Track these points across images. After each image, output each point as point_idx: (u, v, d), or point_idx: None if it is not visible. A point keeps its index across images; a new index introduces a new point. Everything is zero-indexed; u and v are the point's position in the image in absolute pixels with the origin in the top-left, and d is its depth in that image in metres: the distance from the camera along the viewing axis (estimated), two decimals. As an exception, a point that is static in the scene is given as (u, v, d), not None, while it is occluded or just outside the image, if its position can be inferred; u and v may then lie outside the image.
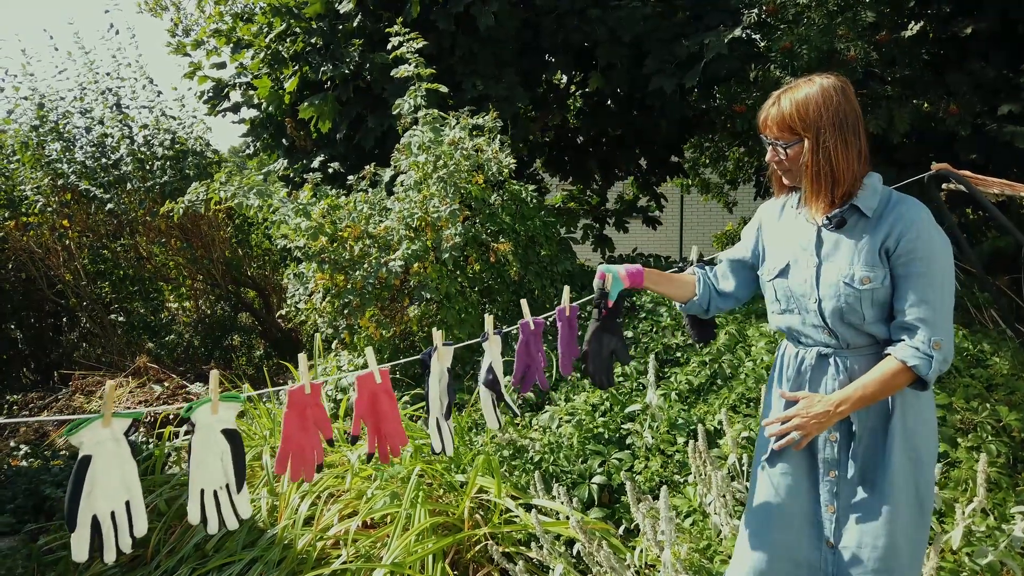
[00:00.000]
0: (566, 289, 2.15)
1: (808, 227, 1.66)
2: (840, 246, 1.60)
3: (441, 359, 1.86)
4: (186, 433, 4.26)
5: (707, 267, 1.90)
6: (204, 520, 1.36)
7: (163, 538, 3.02)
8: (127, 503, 1.29)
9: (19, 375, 6.84)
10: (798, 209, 1.71)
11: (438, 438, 1.91)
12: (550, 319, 2.16)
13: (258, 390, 2.15)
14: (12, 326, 6.91)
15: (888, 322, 1.57)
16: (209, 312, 7.11)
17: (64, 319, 7.18)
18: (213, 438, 1.36)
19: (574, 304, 2.17)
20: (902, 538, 1.55)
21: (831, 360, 1.62)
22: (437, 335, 1.85)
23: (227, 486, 1.37)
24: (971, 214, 6.08)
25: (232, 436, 1.37)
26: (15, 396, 6.17)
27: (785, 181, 1.69)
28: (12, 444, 5.04)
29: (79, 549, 1.22)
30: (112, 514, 1.26)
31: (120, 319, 6.91)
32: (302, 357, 1.55)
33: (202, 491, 1.35)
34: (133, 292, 7.03)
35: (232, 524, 1.37)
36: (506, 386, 2.07)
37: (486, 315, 1.98)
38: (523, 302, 2.11)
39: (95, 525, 1.24)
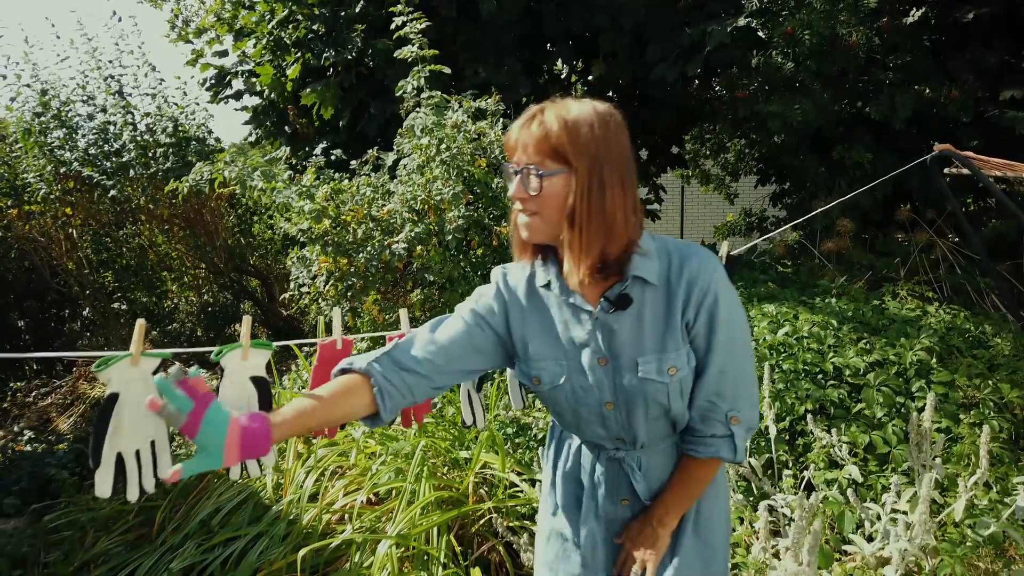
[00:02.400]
0: None
1: (577, 316, 1.25)
2: (631, 333, 1.23)
3: None
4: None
5: (369, 361, 1.25)
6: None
7: (168, 516, 3.04)
8: (152, 443, 1.29)
9: (21, 364, 6.86)
10: (553, 289, 1.28)
11: (469, 410, 1.93)
12: None
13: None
14: (15, 315, 6.93)
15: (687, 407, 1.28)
16: (212, 301, 7.13)
17: (67, 308, 7.20)
18: (242, 384, 1.37)
19: None
20: None
21: (623, 462, 1.33)
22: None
23: None
24: (972, 204, 6.09)
25: (261, 383, 1.38)
26: (18, 384, 6.20)
27: (524, 234, 1.21)
28: (16, 429, 5.06)
29: (102, 486, 1.23)
30: (137, 453, 1.27)
31: (123, 308, 6.93)
32: (336, 311, 1.56)
33: None
34: (136, 281, 7.05)
35: (255, 472, 1.39)
36: None
37: None
38: None
39: (120, 464, 1.25)
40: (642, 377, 1.21)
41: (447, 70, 4.00)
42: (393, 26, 3.98)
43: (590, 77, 6.80)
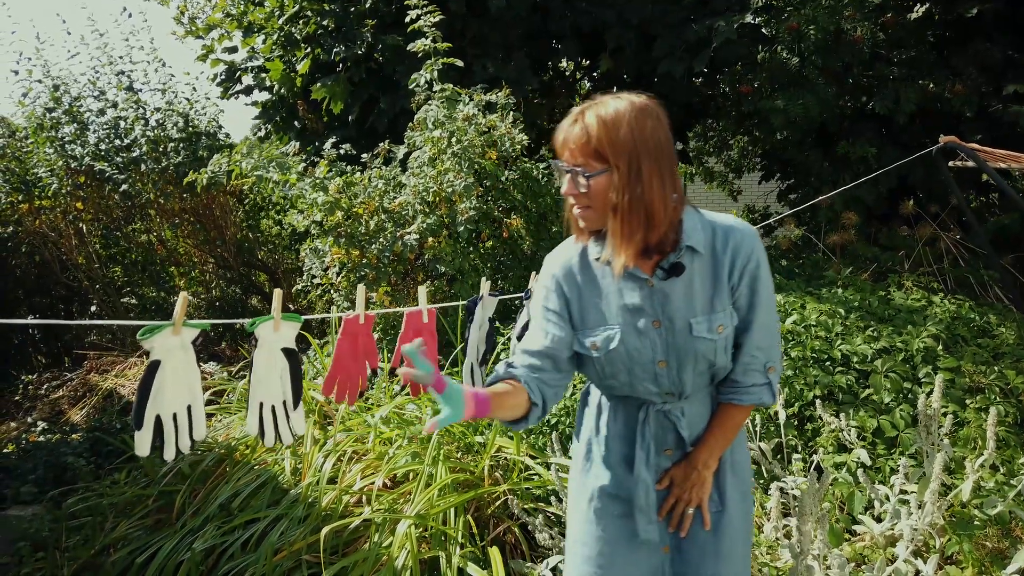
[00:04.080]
0: None
1: (631, 283, 1.37)
2: (684, 296, 1.35)
3: (486, 308, 1.92)
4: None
5: (517, 366, 1.42)
6: (262, 432, 1.42)
7: (188, 500, 3.09)
8: (189, 408, 1.35)
9: (32, 357, 6.91)
10: (604, 261, 1.39)
11: (471, 383, 1.98)
12: None
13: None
14: (25, 309, 6.98)
15: (731, 361, 1.41)
16: (219, 296, 7.18)
17: (76, 303, 7.25)
18: (275, 355, 1.42)
19: None
20: (739, 571, 1.48)
21: (669, 413, 1.44)
22: (484, 285, 1.92)
23: (284, 403, 1.43)
24: (974, 199, 6.13)
25: (291, 355, 1.44)
26: (29, 376, 6.25)
27: (582, 224, 1.37)
28: (30, 420, 5.11)
29: (142, 445, 1.29)
30: (175, 417, 1.33)
31: (132, 302, 6.98)
32: (360, 288, 1.61)
33: (261, 405, 1.42)
34: (144, 276, 7.10)
35: (287, 439, 1.44)
36: None
37: (533, 274, 2.04)
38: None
39: (158, 426, 1.31)
40: (695, 335, 1.34)
41: (460, 63, 4.06)
42: (408, 19, 4.02)
43: (596, 73, 6.85)
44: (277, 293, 1.44)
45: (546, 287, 1.45)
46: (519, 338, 1.97)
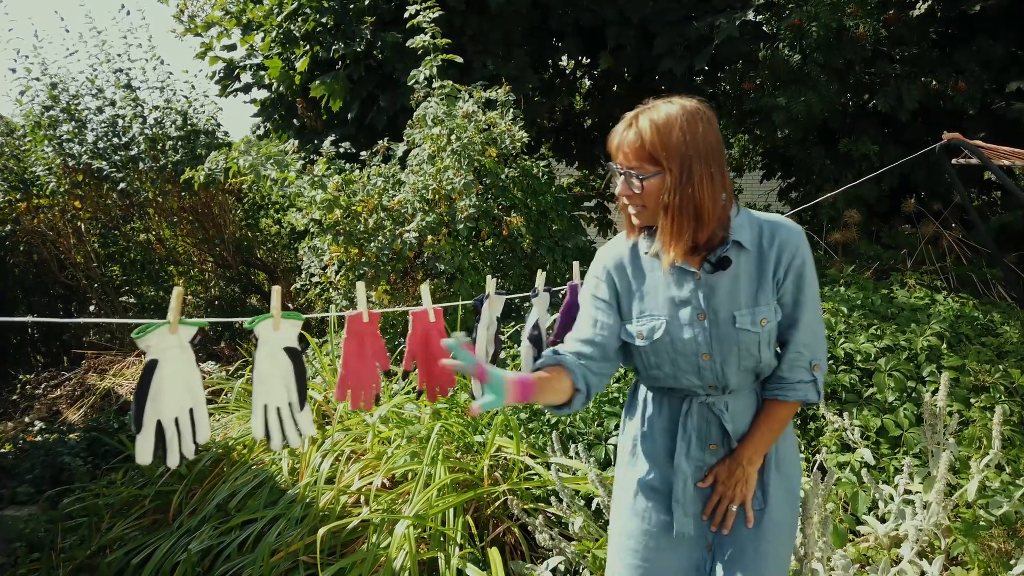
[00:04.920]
0: (575, 264, 2.21)
1: (678, 274, 1.43)
2: (729, 290, 1.40)
3: (492, 307, 1.89)
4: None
5: (564, 352, 1.47)
6: (268, 436, 1.38)
7: (184, 501, 3.06)
8: (191, 410, 1.31)
9: (29, 357, 6.88)
10: (653, 254, 1.46)
11: (479, 387, 1.95)
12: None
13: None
14: (23, 308, 6.96)
15: (776, 358, 1.45)
16: (218, 295, 7.15)
17: (75, 302, 7.22)
18: (277, 355, 1.39)
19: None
20: (781, 570, 1.49)
21: (712, 407, 1.46)
22: (491, 282, 1.88)
23: (290, 404, 1.39)
24: (976, 197, 6.10)
25: (295, 355, 1.40)
26: (27, 376, 6.22)
27: (636, 221, 1.43)
28: (27, 420, 5.09)
29: (143, 451, 1.25)
30: (176, 420, 1.29)
31: (130, 301, 6.95)
32: (360, 284, 1.58)
33: (265, 407, 1.38)
34: (143, 275, 7.07)
35: (295, 442, 1.40)
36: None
37: (538, 272, 2.01)
38: (575, 264, 2.15)
39: (159, 431, 1.27)
40: (738, 328, 1.39)
41: (459, 59, 4.02)
42: (407, 15, 3.99)
43: (597, 71, 6.82)
44: (276, 290, 1.40)
45: (597, 277, 1.51)
46: (530, 338, 1.95)
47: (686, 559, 1.49)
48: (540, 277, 1.96)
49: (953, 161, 4.18)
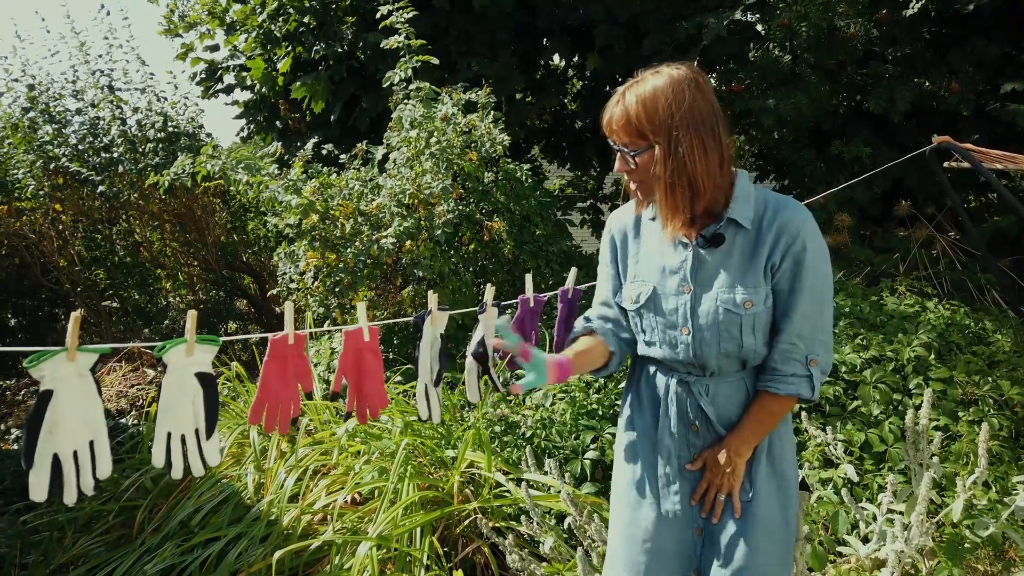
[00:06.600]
0: (572, 271, 2.17)
1: (674, 246, 1.43)
2: (718, 267, 1.38)
3: (435, 324, 1.80)
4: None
5: (593, 318, 1.57)
6: (169, 465, 1.30)
7: (148, 516, 2.98)
8: (91, 443, 1.21)
9: (10, 362, 6.79)
10: (658, 223, 1.46)
11: (425, 405, 1.85)
12: (548, 298, 2.17)
13: (251, 373, 2.10)
14: (8, 312, 6.87)
15: (764, 346, 1.41)
16: (205, 298, 7.06)
17: (59, 306, 7.13)
18: (186, 381, 1.30)
19: (578, 288, 2.19)
20: (770, 565, 1.45)
21: (691, 386, 1.45)
22: (432, 298, 1.79)
23: (196, 431, 1.31)
24: (973, 199, 6.01)
25: (206, 380, 1.31)
26: (8, 382, 6.13)
27: (639, 195, 1.42)
28: (3, 428, 5.00)
29: (38, 488, 1.14)
30: (75, 454, 1.19)
31: (115, 306, 6.86)
32: (288, 304, 1.49)
33: (169, 434, 1.29)
34: (128, 279, 6.98)
35: (198, 471, 1.31)
36: (495, 363, 2.01)
37: (486, 286, 1.93)
38: (527, 277, 2.09)
39: (56, 465, 1.17)
40: (720, 306, 1.36)
41: (435, 61, 3.93)
42: (379, 15, 3.90)
43: (587, 72, 6.73)
44: (191, 314, 1.31)
45: (605, 244, 1.58)
46: (474, 355, 1.87)
47: (677, 537, 1.48)
48: (489, 292, 1.86)
49: (945, 164, 4.08)
